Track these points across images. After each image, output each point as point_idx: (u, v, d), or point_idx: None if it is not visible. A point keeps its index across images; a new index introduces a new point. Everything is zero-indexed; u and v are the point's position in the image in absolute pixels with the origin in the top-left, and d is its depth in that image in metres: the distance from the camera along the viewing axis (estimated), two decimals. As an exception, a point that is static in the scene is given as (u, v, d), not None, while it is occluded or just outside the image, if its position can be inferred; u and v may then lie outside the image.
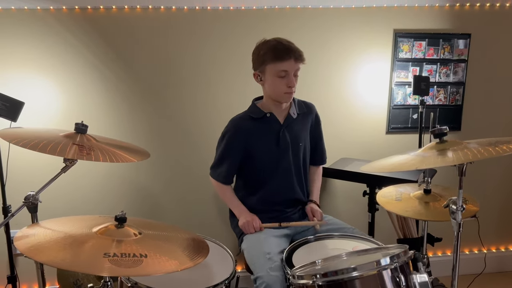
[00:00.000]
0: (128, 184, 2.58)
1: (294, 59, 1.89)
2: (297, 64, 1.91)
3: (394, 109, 2.68)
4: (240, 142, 2.02)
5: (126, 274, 1.40)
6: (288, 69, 1.89)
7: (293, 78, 1.92)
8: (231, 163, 2.07)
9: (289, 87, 1.91)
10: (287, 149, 2.04)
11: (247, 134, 2.01)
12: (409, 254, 1.40)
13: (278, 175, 2.04)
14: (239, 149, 2.03)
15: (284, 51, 1.88)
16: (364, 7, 2.55)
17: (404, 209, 1.83)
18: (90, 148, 1.52)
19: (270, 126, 2.03)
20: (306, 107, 2.13)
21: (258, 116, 2.02)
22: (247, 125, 2.02)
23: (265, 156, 2.03)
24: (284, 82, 1.91)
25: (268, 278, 1.67)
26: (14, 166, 2.27)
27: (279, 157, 2.03)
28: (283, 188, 2.06)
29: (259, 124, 2.02)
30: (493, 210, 2.92)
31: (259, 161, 2.04)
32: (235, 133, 2.03)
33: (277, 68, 1.89)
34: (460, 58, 2.67)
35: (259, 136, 2.02)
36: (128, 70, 2.47)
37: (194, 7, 2.43)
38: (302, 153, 2.10)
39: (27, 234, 1.30)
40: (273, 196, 2.05)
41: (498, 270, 2.98)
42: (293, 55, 1.88)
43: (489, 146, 1.41)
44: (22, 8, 2.32)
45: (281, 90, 1.93)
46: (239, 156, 2.04)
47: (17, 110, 2.06)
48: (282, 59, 1.88)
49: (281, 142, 2.02)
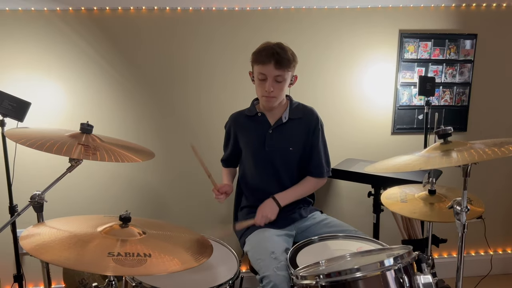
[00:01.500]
0: (132, 184, 2.59)
1: (274, 65, 1.89)
2: (278, 70, 1.90)
3: (399, 109, 2.67)
4: (234, 134, 2.15)
5: (130, 274, 1.41)
6: (266, 73, 1.91)
7: (271, 83, 1.92)
8: (229, 152, 2.22)
9: (266, 91, 1.93)
10: (274, 152, 2.04)
11: (240, 128, 2.13)
12: (413, 255, 1.40)
13: (267, 175, 2.07)
14: (233, 140, 2.16)
15: (266, 55, 1.90)
16: (369, 8, 2.55)
17: (412, 211, 1.80)
18: (96, 148, 1.53)
19: (259, 126, 2.07)
20: (304, 112, 2.09)
21: (251, 114, 2.10)
22: (241, 120, 2.13)
23: (251, 154, 2.09)
24: (263, 85, 1.94)
25: (275, 277, 1.66)
26: (20, 166, 2.29)
27: (266, 158, 2.05)
28: (269, 189, 2.05)
29: (250, 122, 2.10)
30: (500, 211, 2.90)
31: (247, 158, 2.12)
32: (230, 125, 2.17)
33: (257, 70, 1.95)
34: (466, 59, 2.66)
35: (248, 133, 2.10)
36: (134, 71, 2.48)
37: (199, 8, 2.44)
38: (296, 159, 2.07)
39: (33, 233, 1.31)
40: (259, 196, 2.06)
41: (504, 272, 2.96)
42: (274, 60, 1.88)
43: (494, 147, 1.40)
44: (29, 9, 2.34)
45: (259, 93, 2.00)
46: (234, 147, 2.17)
47: (24, 110, 2.08)
48: (262, 62, 1.91)
49: (266, 143, 2.04)
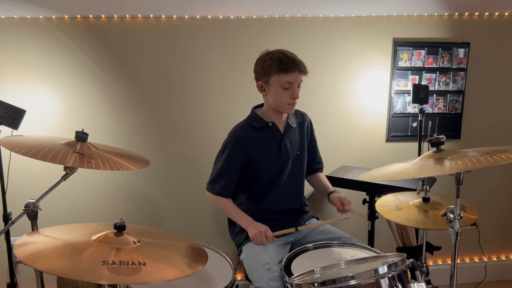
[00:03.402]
0: (128, 192, 2.58)
1: (299, 71, 1.91)
2: (301, 76, 1.93)
3: (393, 117, 2.69)
4: (242, 152, 1.99)
5: (124, 282, 1.40)
6: (293, 81, 1.91)
7: (297, 89, 1.94)
8: (233, 175, 2.02)
9: (293, 98, 1.94)
10: (288, 158, 2.05)
11: (249, 143, 1.99)
12: (407, 263, 1.41)
13: (280, 184, 2.05)
14: (241, 159, 2.00)
15: (290, 63, 1.89)
16: (363, 16, 2.57)
17: (407, 219, 1.81)
18: (91, 156, 1.54)
19: (272, 135, 2.03)
20: (301, 116, 2.15)
21: (260, 125, 2.01)
22: (248, 134, 2.01)
23: (267, 166, 2.02)
24: (288, 93, 1.93)
25: None
26: (15, 174, 2.28)
27: (281, 167, 2.04)
28: (284, 197, 2.06)
29: (261, 134, 2.01)
30: (494, 218, 2.91)
31: (261, 171, 2.02)
32: (237, 142, 2.00)
33: (282, 79, 1.90)
34: (460, 67, 2.68)
35: (261, 145, 2.01)
36: (130, 79, 2.48)
37: (195, 16, 2.45)
38: (301, 162, 2.12)
39: (27, 241, 1.30)
40: (275, 205, 2.05)
41: (499, 279, 2.96)
42: (297, 67, 1.90)
43: (487, 155, 1.42)
44: (24, 17, 2.34)
45: (284, 101, 1.95)
46: (240, 167, 2.01)
47: (19, 118, 2.07)
48: (287, 71, 1.89)
49: (282, 151, 2.03)
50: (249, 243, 1.97)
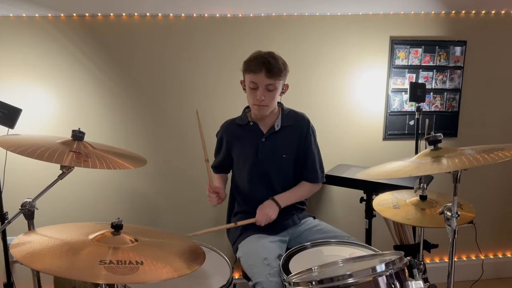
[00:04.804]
0: (124, 191, 2.58)
1: (265, 74, 1.90)
2: (269, 79, 1.92)
3: (390, 115, 2.69)
4: (226, 142, 2.15)
5: (122, 282, 1.40)
6: (258, 82, 1.93)
7: (263, 92, 1.93)
8: (221, 158, 2.21)
9: (257, 99, 1.94)
10: (267, 159, 2.05)
11: (231, 137, 2.13)
12: (405, 261, 1.41)
13: (258, 184, 2.08)
14: (226, 148, 2.16)
15: (257, 64, 1.91)
16: (360, 15, 2.57)
17: (405, 217, 1.81)
18: (87, 155, 1.53)
19: (251, 135, 2.08)
20: (296, 118, 2.11)
21: (243, 123, 2.11)
22: (232, 129, 2.14)
23: (244, 163, 2.10)
24: (254, 94, 1.95)
25: (268, 284, 1.66)
26: (11, 173, 2.27)
27: (259, 167, 2.06)
28: (261, 197, 2.06)
29: (242, 131, 2.11)
30: (490, 216, 2.92)
31: (239, 166, 2.12)
32: (222, 134, 2.17)
33: (249, 79, 1.95)
34: (456, 65, 2.69)
35: (241, 142, 2.11)
36: (126, 77, 2.48)
37: (192, 14, 2.45)
38: (290, 166, 2.09)
39: (23, 241, 1.29)
40: (253, 202, 2.06)
41: (495, 277, 2.98)
42: (265, 69, 1.90)
43: (483, 153, 1.42)
44: (20, 15, 2.33)
45: (251, 101, 2.01)
46: (226, 154, 2.17)
47: (15, 117, 2.06)
48: (253, 71, 1.92)
49: (259, 152, 2.05)
50: (245, 240, 1.98)
